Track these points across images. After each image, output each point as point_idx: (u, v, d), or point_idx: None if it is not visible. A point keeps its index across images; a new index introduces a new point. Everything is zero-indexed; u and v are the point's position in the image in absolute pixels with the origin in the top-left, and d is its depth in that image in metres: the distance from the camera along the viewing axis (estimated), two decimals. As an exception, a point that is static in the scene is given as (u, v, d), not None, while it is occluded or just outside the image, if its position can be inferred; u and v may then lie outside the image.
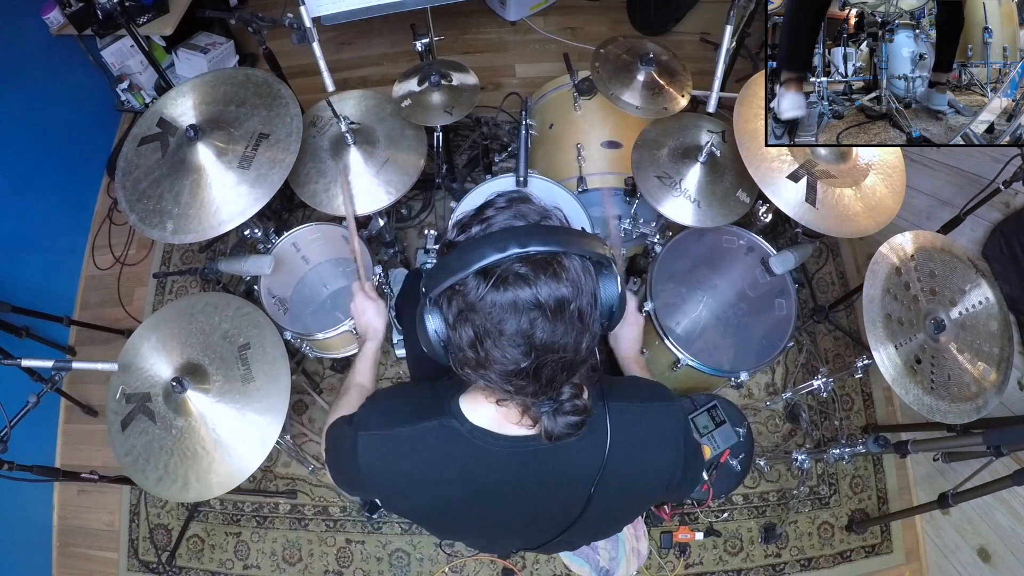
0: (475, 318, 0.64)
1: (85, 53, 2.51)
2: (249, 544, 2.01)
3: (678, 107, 1.75)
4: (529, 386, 0.68)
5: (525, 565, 1.92)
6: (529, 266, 0.63)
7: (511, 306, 0.62)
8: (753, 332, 1.91)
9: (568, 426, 0.71)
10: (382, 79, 2.84)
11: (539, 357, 0.65)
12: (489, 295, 0.63)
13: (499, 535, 0.91)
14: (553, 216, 0.70)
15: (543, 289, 0.62)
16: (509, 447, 0.77)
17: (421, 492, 0.80)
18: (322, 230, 1.88)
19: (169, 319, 1.53)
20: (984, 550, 1.83)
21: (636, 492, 0.87)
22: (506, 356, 0.65)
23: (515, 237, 0.63)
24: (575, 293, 0.64)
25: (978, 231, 1.93)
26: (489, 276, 0.62)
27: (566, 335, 0.65)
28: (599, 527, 0.93)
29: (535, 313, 0.63)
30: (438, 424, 0.78)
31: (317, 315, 2.07)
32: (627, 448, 0.80)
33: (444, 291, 0.66)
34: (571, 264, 0.65)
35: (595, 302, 0.68)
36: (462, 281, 0.64)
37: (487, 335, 0.64)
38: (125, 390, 1.44)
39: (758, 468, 2.03)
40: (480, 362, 0.67)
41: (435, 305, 0.69)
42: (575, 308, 0.64)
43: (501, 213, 0.69)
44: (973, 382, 1.41)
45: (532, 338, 0.63)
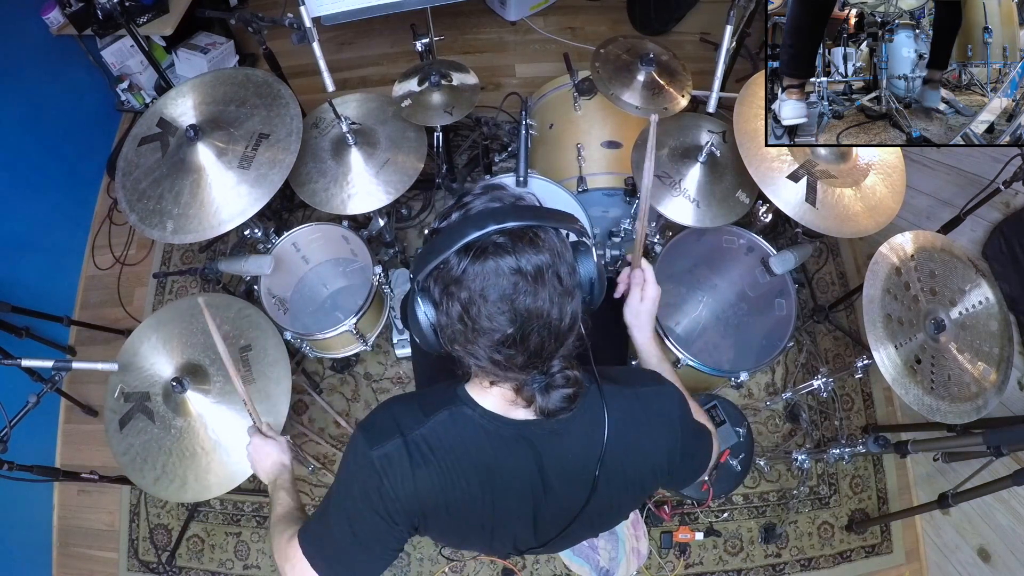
0: (460, 291, 0.67)
1: (85, 53, 2.52)
2: (249, 544, 2.01)
3: (678, 107, 1.75)
4: (518, 355, 0.70)
5: (525, 565, 1.92)
6: (507, 237, 0.67)
7: (492, 273, 0.66)
8: (753, 332, 1.91)
9: (562, 399, 0.73)
10: (382, 79, 2.84)
11: (524, 323, 0.67)
12: (471, 266, 0.66)
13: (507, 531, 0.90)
14: (527, 198, 0.74)
15: (522, 256, 0.66)
16: (516, 432, 0.78)
17: (449, 491, 0.78)
18: (322, 230, 1.89)
19: (170, 319, 1.53)
20: (984, 550, 1.83)
21: (637, 476, 0.87)
22: (493, 323, 0.67)
23: (493, 216, 0.67)
24: (553, 260, 0.68)
25: (978, 231, 1.93)
26: (470, 250, 0.66)
27: (548, 300, 0.68)
28: (603, 515, 0.92)
29: (516, 278, 0.66)
30: (449, 414, 0.79)
31: (317, 315, 2.07)
32: (625, 432, 0.81)
33: (430, 273, 0.70)
34: (547, 236, 0.69)
35: (573, 271, 0.72)
36: (445, 261, 0.68)
37: (472, 303, 0.67)
38: (124, 389, 1.44)
39: (758, 468, 2.03)
40: (468, 335, 0.69)
41: (423, 290, 0.72)
42: (553, 273, 0.68)
43: (478, 199, 0.72)
44: (973, 382, 1.41)
45: (515, 303, 0.66)
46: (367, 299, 1.74)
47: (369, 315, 1.80)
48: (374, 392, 2.17)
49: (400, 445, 0.76)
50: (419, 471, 0.76)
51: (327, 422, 2.13)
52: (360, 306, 1.73)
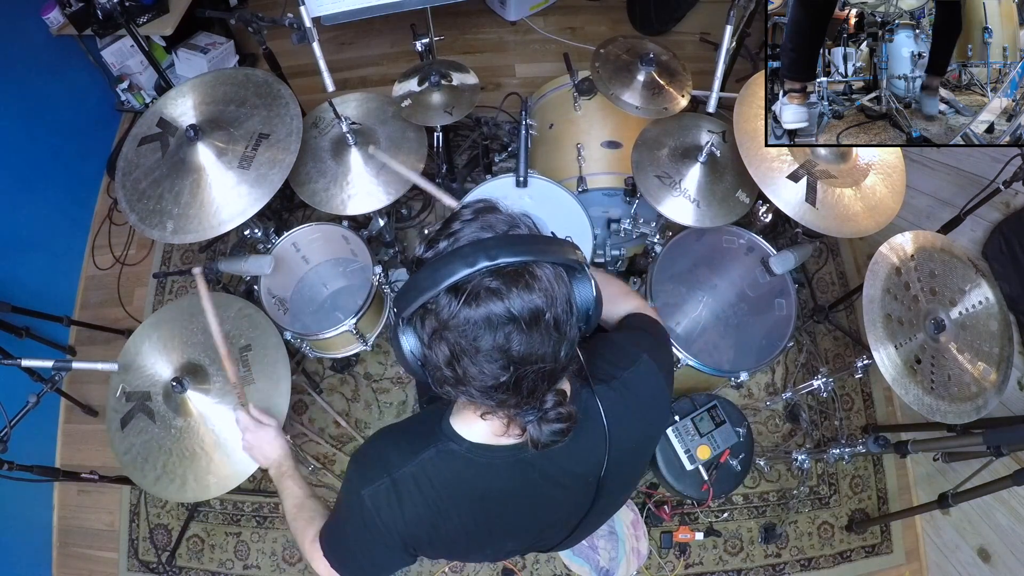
0: (449, 336, 0.63)
1: (85, 53, 2.52)
2: (249, 544, 2.01)
3: (678, 107, 1.75)
4: (511, 399, 0.67)
5: (525, 565, 1.92)
6: (500, 280, 0.61)
7: (485, 322, 0.61)
8: (753, 332, 1.91)
9: (554, 433, 0.70)
10: (382, 79, 2.84)
11: (518, 369, 0.64)
12: (462, 312, 0.61)
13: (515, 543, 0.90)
14: (521, 224, 0.69)
15: (516, 302, 0.61)
16: (510, 455, 0.76)
17: (443, 526, 0.79)
18: (322, 230, 1.88)
19: (170, 319, 1.53)
20: (984, 550, 1.83)
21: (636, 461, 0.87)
22: (484, 372, 0.64)
23: (484, 250, 0.62)
24: (549, 302, 0.63)
25: (978, 231, 1.93)
26: (460, 292, 0.61)
27: (543, 345, 0.64)
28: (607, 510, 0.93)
29: (510, 327, 0.61)
30: (435, 452, 0.77)
31: (317, 315, 2.07)
32: (620, 427, 0.80)
33: (416, 310, 0.65)
34: (543, 273, 0.64)
35: (570, 308, 0.67)
36: (434, 299, 0.63)
37: (463, 353, 0.63)
38: (125, 388, 1.44)
39: (758, 468, 2.03)
40: (459, 379, 0.66)
41: (408, 324, 0.68)
42: (550, 318, 0.63)
43: (468, 226, 0.67)
44: (973, 382, 1.41)
45: (509, 352, 0.62)
46: (367, 299, 1.74)
47: (369, 315, 1.80)
48: (374, 392, 2.17)
49: (388, 485, 0.77)
50: (407, 508, 0.77)
51: (327, 422, 2.13)
52: (360, 306, 1.73)
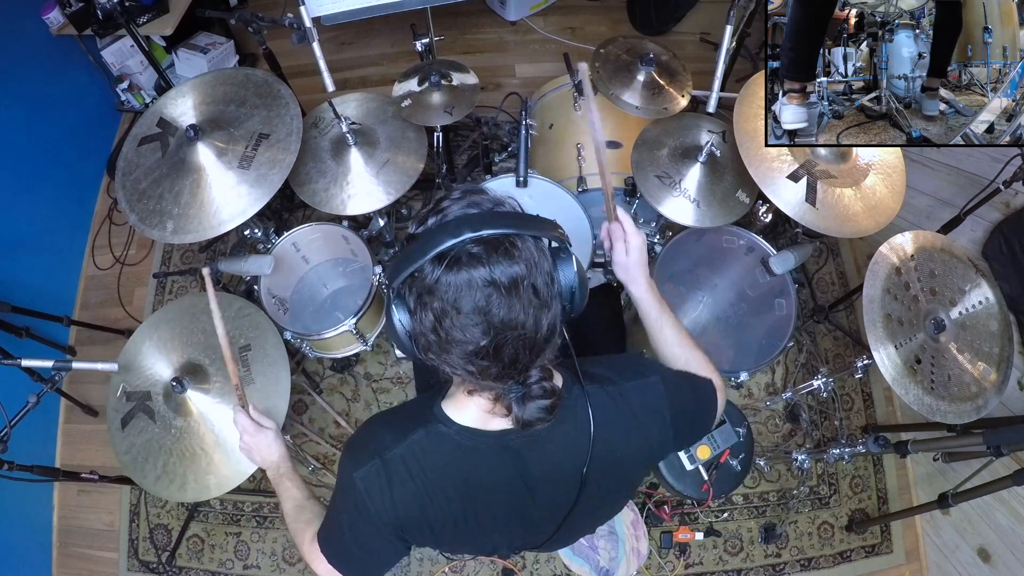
0: (433, 301, 0.66)
1: (85, 53, 2.52)
2: (249, 544, 2.01)
3: (678, 107, 1.75)
4: (492, 367, 0.69)
5: (525, 565, 1.92)
6: (482, 247, 0.65)
7: (466, 284, 0.64)
8: (753, 332, 1.91)
9: (539, 410, 0.72)
10: (382, 79, 2.84)
11: (498, 335, 0.66)
12: (444, 276, 0.65)
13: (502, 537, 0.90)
14: (507, 204, 0.72)
15: (496, 267, 0.64)
16: (497, 442, 0.78)
17: (431, 508, 0.79)
18: (322, 230, 1.88)
19: (171, 318, 1.53)
20: (984, 550, 1.83)
21: (626, 470, 0.87)
22: (466, 335, 0.66)
23: (469, 223, 0.66)
24: (528, 271, 0.66)
25: (978, 231, 1.93)
26: (444, 259, 0.65)
27: (523, 312, 0.66)
28: (596, 513, 0.93)
29: (489, 290, 0.64)
30: (425, 433, 0.79)
31: (317, 315, 2.07)
32: (611, 429, 0.80)
33: (404, 280, 0.69)
34: (524, 245, 0.67)
35: (552, 281, 0.70)
36: (420, 268, 0.66)
37: (445, 315, 0.66)
38: (126, 388, 1.44)
39: (758, 468, 2.03)
40: (442, 344, 0.68)
41: (398, 296, 0.71)
42: (529, 284, 0.66)
43: (455, 203, 0.71)
44: (973, 382, 1.41)
45: (489, 315, 0.65)
46: (367, 299, 1.74)
47: (369, 315, 1.80)
48: (374, 392, 2.17)
49: (379, 466, 0.78)
50: (396, 490, 0.78)
51: (327, 422, 2.13)
52: (360, 306, 1.73)
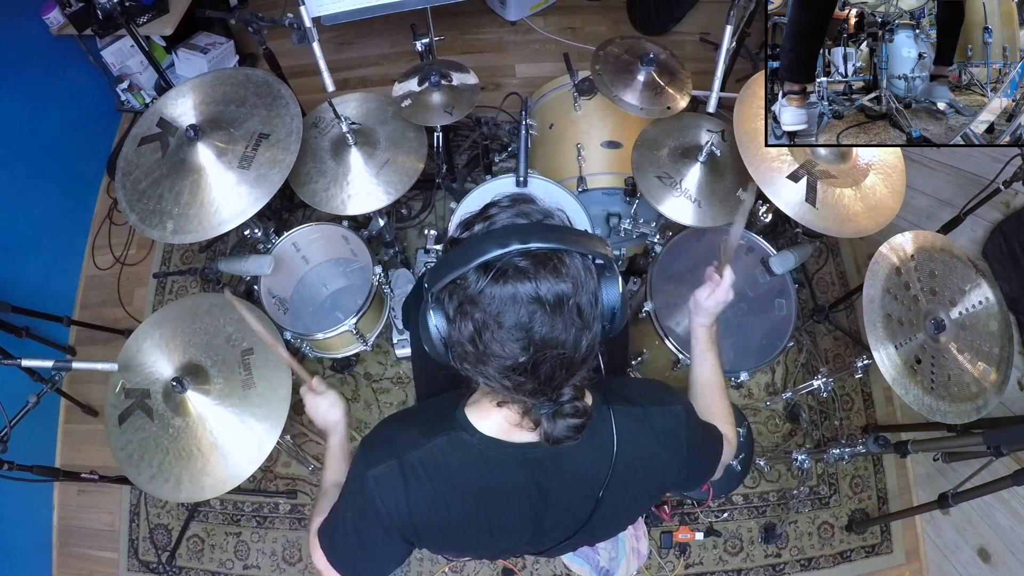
0: (474, 311, 0.64)
1: (85, 53, 2.51)
2: (249, 544, 2.01)
3: (679, 107, 1.75)
4: (528, 383, 0.67)
5: (525, 565, 1.92)
6: (529, 260, 0.63)
7: (510, 299, 0.63)
8: (753, 332, 1.91)
9: (568, 429, 0.70)
10: (382, 79, 2.84)
11: (537, 352, 0.64)
12: (489, 288, 0.63)
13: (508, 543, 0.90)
14: (556, 216, 0.71)
15: (543, 283, 0.62)
16: (519, 454, 0.77)
17: (442, 512, 0.79)
18: (322, 230, 1.89)
19: (173, 317, 1.53)
20: (984, 550, 1.83)
21: (640, 492, 0.87)
22: (505, 350, 0.65)
23: (517, 234, 0.64)
24: (575, 290, 0.64)
25: (978, 231, 1.93)
26: (489, 270, 0.63)
27: (565, 331, 0.65)
28: (604, 530, 0.93)
29: (534, 306, 0.63)
30: (447, 439, 0.77)
31: (317, 315, 2.07)
32: (632, 452, 0.80)
33: (446, 286, 0.67)
34: (572, 262, 0.65)
35: (596, 301, 0.68)
36: (463, 276, 0.65)
37: (486, 327, 0.64)
38: (125, 384, 1.45)
39: (758, 468, 2.03)
40: (479, 356, 0.67)
41: (437, 301, 0.69)
42: (574, 304, 0.64)
43: (504, 212, 0.69)
44: (973, 382, 1.41)
45: (531, 332, 0.64)
46: (367, 299, 1.74)
47: (369, 315, 1.80)
48: (374, 392, 2.17)
49: (395, 466, 0.77)
50: (412, 492, 0.77)
51: (327, 422, 2.13)
52: (360, 306, 1.73)
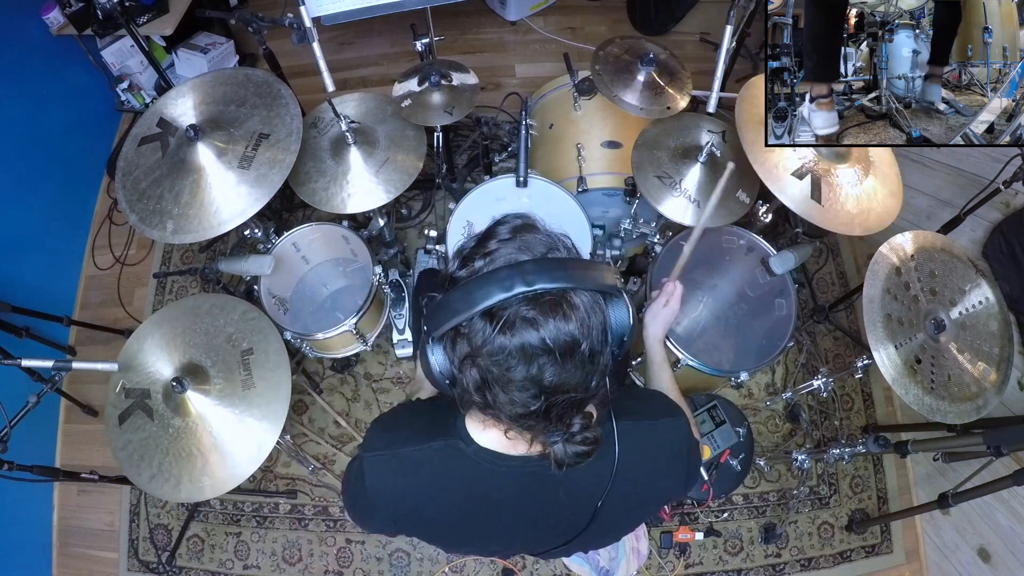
0: (481, 362, 0.63)
1: (85, 53, 2.51)
2: (249, 544, 2.01)
3: (679, 107, 1.75)
4: (538, 424, 0.67)
5: (525, 565, 1.92)
6: (537, 309, 0.60)
7: (519, 351, 0.60)
8: (753, 332, 1.91)
9: (577, 455, 0.69)
10: (382, 79, 2.84)
11: (549, 398, 0.63)
12: (496, 339, 0.60)
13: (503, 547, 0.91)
14: (559, 245, 0.68)
15: (552, 332, 0.60)
16: (517, 466, 0.76)
17: (428, 510, 0.79)
18: (322, 230, 1.88)
19: (173, 317, 1.53)
20: (984, 550, 1.83)
21: (640, 506, 0.87)
22: (514, 400, 0.63)
23: (521, 274, 0.60)
24: (585, 333, 0.62)
25: (978, 231, 1.93)
26: (495, 319, 0.60)
27: (576, 376, 0.63)
28: (601, 539, 0.93)
29: (544, 359, 0.61)
30: (444, 445, 0.77)
31: (317, 315, 2.07)
32: (633, 466, 0.79)
33: (447, 332, 0.65)
34: (580, 301, 0.62)
35: (605, 338, 0.66)
36: (467, 322, 0.62)
37: (496, 382, 0.63)
38: (125, 384, 1.45)
39: (758, 468, 2.03)
40: (487, 404, 0.65)
41: (438, 343, 0.67)
42: (586, 349, 0.62)
43: (505, 246, 0.66)
44: (973, 382, 1.41)
45: (541, 382, 0.62)
46: (367, 299, 1.74)
47: (369, 315, 1.80)
48: (374, 392, 2.17)
49: (388, 457, 0.79)
50: (398, 485, 0.78)
51: (327, 422, 2.13)
52: (360, 306, 1.73)
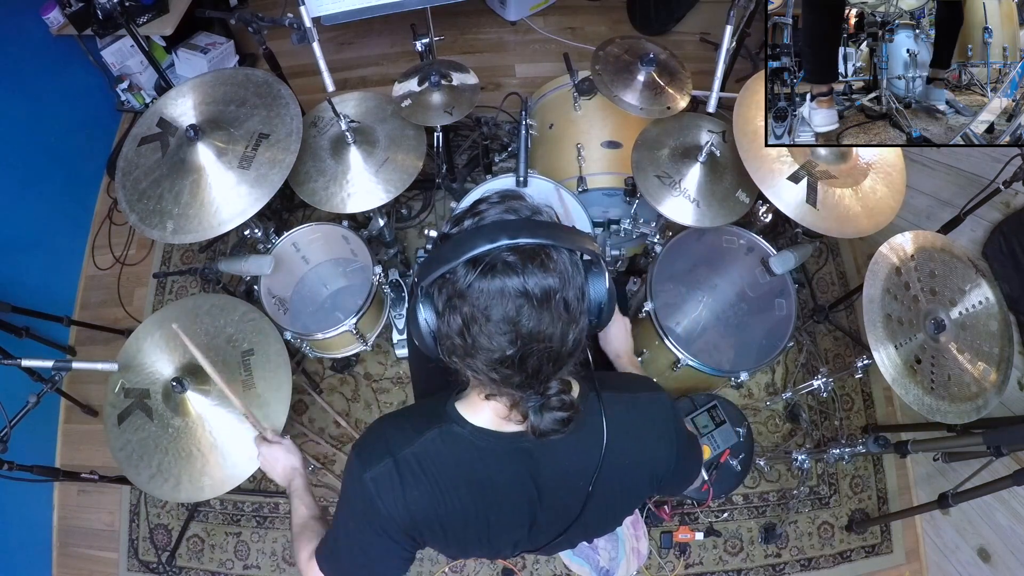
0: (463, 305, 0.66)
1: (85, 53, 2.52)
2: (249, 544, 2.01)
3: (679, 107, 1.75)
4: (515, 376, 0.69)
5: (525, 565, 1.92)
6: (517, 256, 0.64)
7: (498, 293, 0.64)
8: (753, 332, 1.91)
9: (555, 422, 0.72)
10: (382, 79, 2.84)
11: (525, 346, 0.66)
12: (477, 282, 0.64)
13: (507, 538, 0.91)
14: (544, 213, 0.72)
15: (530, 278, 0.64)
16: (510, 444, 0.78)
17: (440, 507, 0.79)
18: (322, 230, 1.88)
19: (174, 317, 1.53)
20: (984, 550, 1.83)
21: (633, 482, 0.87)
22: (492, 343, 0.66)
23: (505, 230, 0.65)
24: (562, 284, 0.66)
25: (978, 231, 1.93)
26: (478, 264, 0.64)
27: (552, 325, 0.66)
28: (599, 522, 0.93)
29: (521, 300, 0.64)
30: (439, 432, 0.79)
31: (317, 315, 2.07)
32: (622, 439, 0.81)
33: (435, 280, 0.68)
34: (559, 257, 0.67)
35: (582, 296, 0.70)
36: (452, 270, 0.66)
37: (474, 321, 0.66)
38: (125, 384, 1.45)
39: (758, 468, 2.03)
40: (468, 350, 0.68)
41: (426, 296, 0.71)
42: (561, 298, 0.66)
43: (493, 208, 0.71)
44: (973, 382, 1.41)
45: (518, 325, 0.65)
46: (367, 299, 1.74)
47: (369, 315, 1.80)
48: (374, 392, 2.17)
49: (391, 466, 0.77)
50: (409, 490, 0.77)
51: (327, 422, 2.13)
52: (360, 306, 1.73)
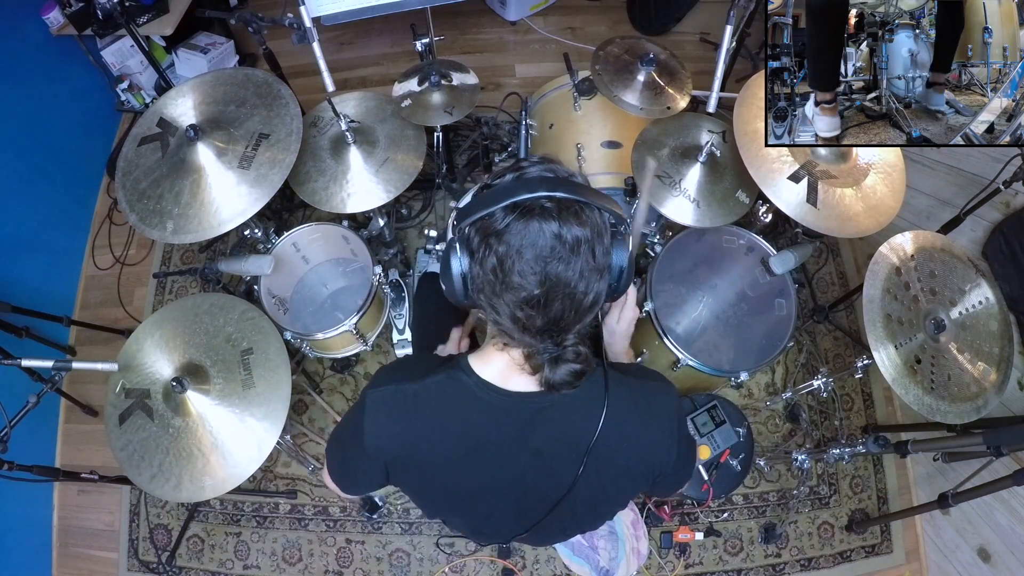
0: (498, 244, 0.70)
1: (85, 53, 2.52)
2: (249, 544, 2.01)
3: (679, 107, 1.75)
4: (538, 318, 0.72)
5: (525, 565, 1.92)
6: (555, 204, 0.69)
7: (534, 233, 0.68)
8: (753, 332, 1.91)
9: (569, 373, 0.75)
10: (382, 79, 2.84)
11: (551, 289, 0.70)
12: (515, 223, 0.69)
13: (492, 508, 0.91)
14: (578, 176, 0.77)
15: (565, 225, 0.68)
16: (511, 403, 0.80)
17: (424, 450, 0.82)
18: (322, 230, 1.88)
19: (173, 317, 1.53)
20: (984, 550, 1.83)
21: (627, 468, 0.87)
22: (523, 281, 0.70)
23: (545, 183, 0.70)
24: (592, 235, 0.70)
25: (978, 231, 1.93)
26: (517, 208, 0.69)
27: (578, 272, 0.70)
28: (589, 508, 0.93)
29: (555, 243, 0.68)
30: (445, 376, 0.82)
31: (317, 315, 2.07)
32: (622, 419, 0.81)
33: (473, 223, 0.72)
34: (591, 214, 0.71)
35: (607, 253, 0.74)
36: (491, 214, 0.70)
37: (507, 257, 0.69)
38: (125, 384, 1.45)
39: (758, 468, 2.03)
40: (496, 287, 0.71)
41: (463, 238, 0.74)
42: (589, 248, 0.70)
43: (534, 166, 0.75)
44: (973, 382, 1.41)
45: (548, 266, 0.69)
46: (367, 299, 1.74)
47: (369, 315, 1.80)
48: (374, 392, 2.17)
49: (392, 392, 0.83)
50: (396, 421, 0.82)
51: (327, 422, 2.13)
52: (360, 306, 1.73)
